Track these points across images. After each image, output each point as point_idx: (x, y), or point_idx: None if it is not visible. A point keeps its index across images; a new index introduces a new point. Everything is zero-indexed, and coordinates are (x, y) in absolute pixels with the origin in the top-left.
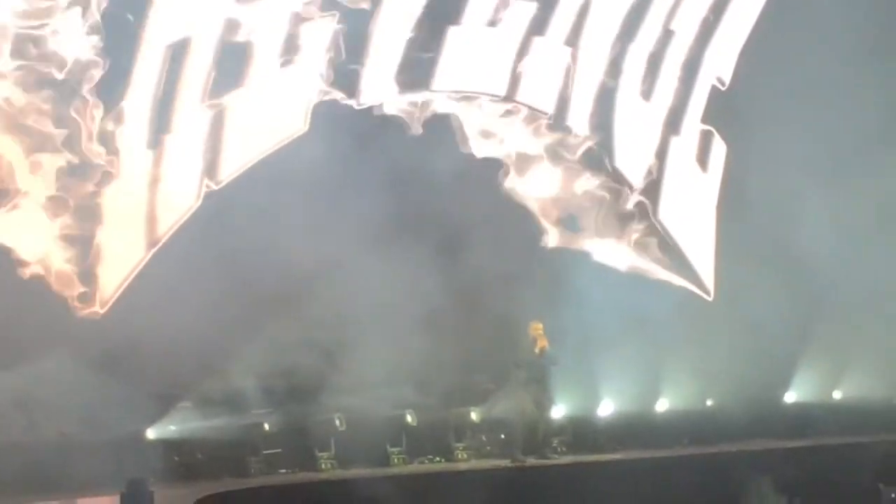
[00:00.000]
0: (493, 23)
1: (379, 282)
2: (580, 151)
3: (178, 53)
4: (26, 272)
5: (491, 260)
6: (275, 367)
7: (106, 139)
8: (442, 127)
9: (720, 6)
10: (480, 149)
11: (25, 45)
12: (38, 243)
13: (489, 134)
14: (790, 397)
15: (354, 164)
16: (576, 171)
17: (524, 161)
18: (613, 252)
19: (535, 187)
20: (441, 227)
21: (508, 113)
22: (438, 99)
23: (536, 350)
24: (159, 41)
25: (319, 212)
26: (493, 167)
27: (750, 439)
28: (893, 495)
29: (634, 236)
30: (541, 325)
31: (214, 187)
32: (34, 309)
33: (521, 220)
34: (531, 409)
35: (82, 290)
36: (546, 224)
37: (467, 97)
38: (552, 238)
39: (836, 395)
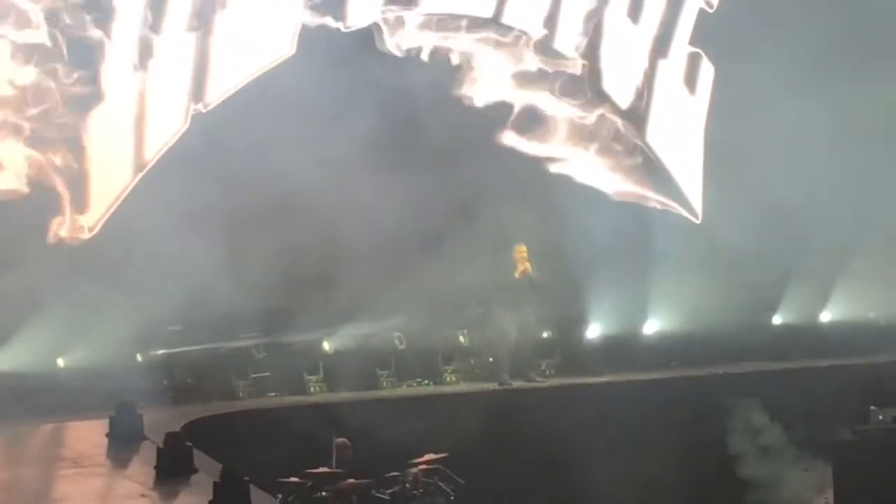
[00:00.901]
0: None
1: (367, 205)
2: (567, 73)
3: None
4: (12, 196)
5: (478, 183)
6: (264, 290)
7: (91, 63)
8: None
9: None
10: (470, 74)
11: None
12: (24, 168)
13: (478, 59)
14: (777, 320)
15: (341, 86)
16: (563, 93)
17: (511, 83)
18: (600, 174)
19: (524, 110)
20: (428, 151)
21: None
22: (426, 22)
23: (517, 273)
24: None
25: (307, 135)
26: (482, 90)
27: (738, 362)
28: (881, 416)
29: (622, 158)
30: (524, 248)
31: (202, 110)
32: (19, 233)
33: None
34: (514, 332)
35: (70, 214)
36: (534, 146)
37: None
38: (539, 160)
39: (823, 317)
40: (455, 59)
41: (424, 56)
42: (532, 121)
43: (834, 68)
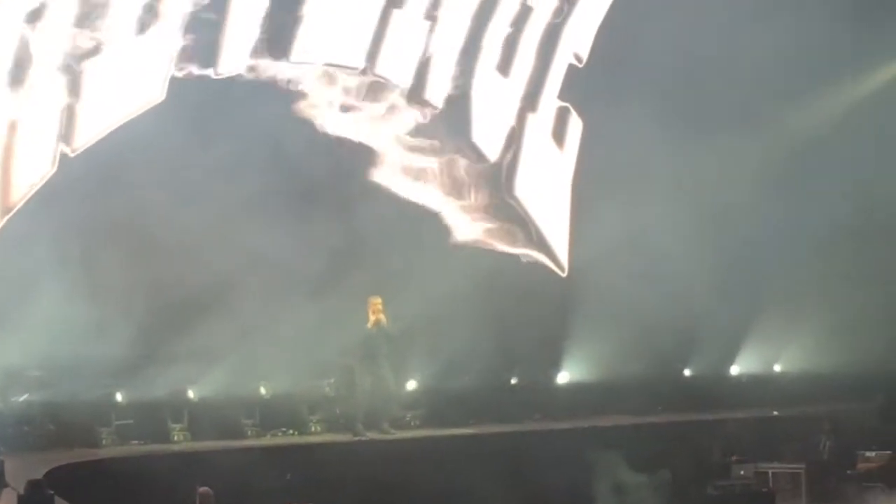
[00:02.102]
0: None
1: (230, 253)
2: (438, 125)
3: (33, 19)
4: None
5: (349, 231)
6: (129, 336)
7: None
8: (298, 98)
9: None
10: (337, 121)
11: None
12: None
13: (346, 107)
14: (642, 373)
15: (211, 133)
16: (433, 145)
17: (380, 133)
18: (468, 226)
19: (391, 160)
20: (293, 199)
21: (366, 86)
22: (296, 70)
23: (369, 324)
24: (16, 7)
25: (175, 182)
26: (349, 139)
27: (602, 415)
28: (742, 471)
29: (491, 211)
30: (380, 300)
31: (70, 154)
32: None
33: (376, 193)
34: (368, 383)
35: None
36: (402, 198)
37: (326, 71)
38: (407, 213)
39: (687, 372)
40: (327, 108)
41: (297, 102)
42: (401, 171)
43: (700, 122)
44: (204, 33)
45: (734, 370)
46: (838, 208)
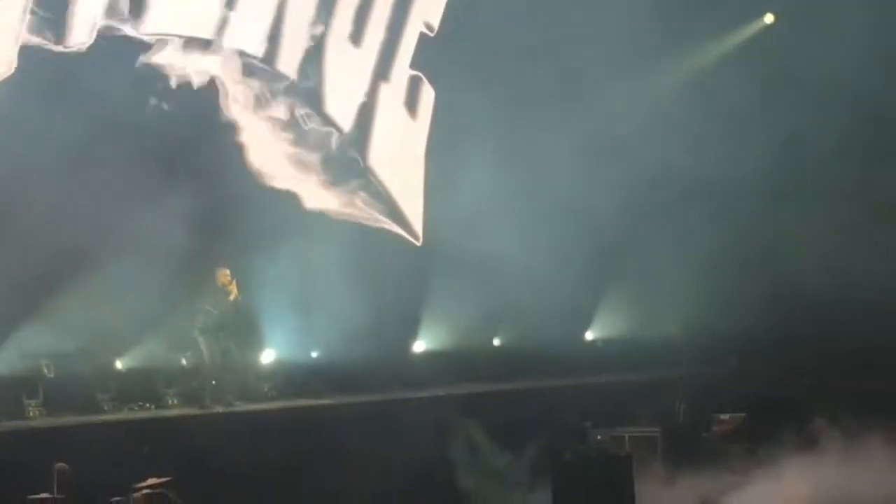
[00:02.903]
0: None
1: (84, 227)
2: (290, 96)
3: None
4: None
5: (202, 205)
6: None
7: None
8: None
9: None
10: (192, 93)
11: None
12: None
13: (200, 78)
14: (497, 341)
15: (63, 105)
16: (285, 114)
17: (233, 104)
18: (323, 198)
19: (245, 132)
20: (146, 167)
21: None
22: (147, 42)
23: (230, 299)
24: None
25: (28, 154)
26: (203, 107)
27: (459, 383)
28: (599, 436)
29: (344, 180)
30: (227, 271)
31: None
32: None
33: (230, 165)
34: (217, 357)
35: None
36: (256, 169)
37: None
38: (261, 183)
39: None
40: (180, 79)
41: (150, 74)
42: (254, 141)
43: (549, 90)
44: (52, 3)
45: (588, 336)
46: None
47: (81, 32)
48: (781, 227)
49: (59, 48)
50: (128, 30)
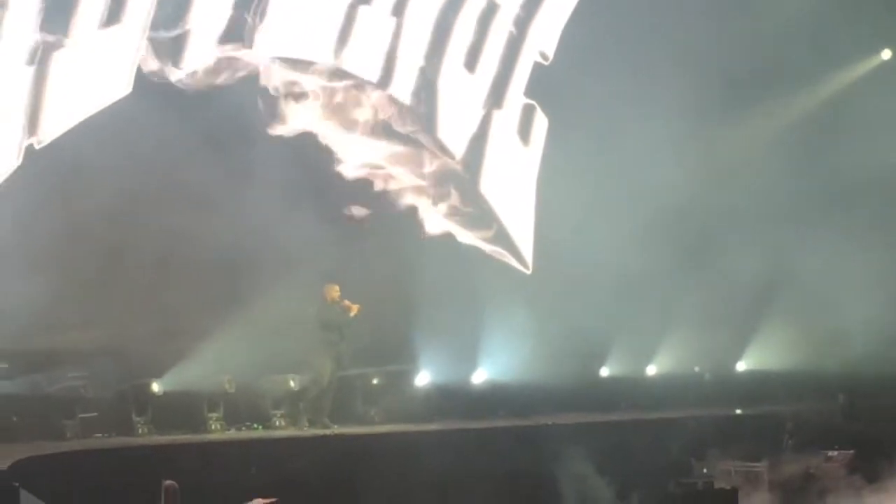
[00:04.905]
0: None
1: (198, 242)
2: (403, 121)
3: None
4: None
5: (312, 224)
6: (94, 327)
7: None
8: (264, 93)
9: None
10: (300, 115)
11: None
12: None
13: (312, 99)
14: (605, 372)
15: (177, 125)
16: (399, 140)
17: (346, 128)
18: (434, 222)
19: (357, 154)
20: (260, 191)
21: (332, 80)
22: (262, 65)
23: (352, 314)
24: None
25: (144, 173)
26: (313, 134)
27: (565, 412)
28: (705, 469)
29: (456, 206)
30: (337, 287)
31: (36, 146)
32: None
33: (343, 186)
34: (331, 374)
35: None
36: (370, 191)
37: (293, 65)
38: (374, 205)
39: (650, 370)
40: (295, 100)
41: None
42: (367, 166)
43: (664, 123)
44: (168, 27)
45: (697, 368)
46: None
47: (196, 55)
48: None
49: (174, 70)
50: (241, 53)
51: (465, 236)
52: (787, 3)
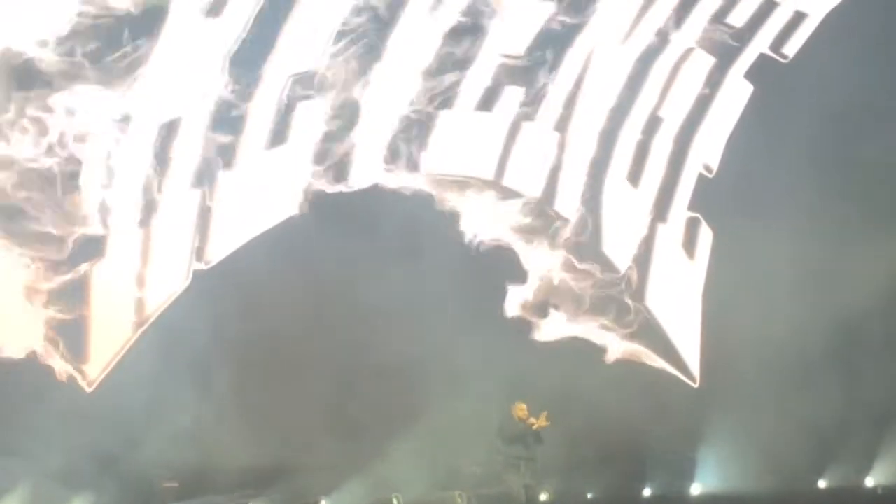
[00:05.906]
0: (483, 107)
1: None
2: (567, 236)
3: (168, 133)
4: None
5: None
6: (262, 446)
7: (94, 220)
8: (431, 209)
9: (708, 94)
10: (469, 230)
11: None
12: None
13: (479, 217)
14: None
15: (345, 244)
16: (563, 256)
17: (511, 245)
18: (599, 337)
19: (522, 271)
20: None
21: (497, 198)
22: (427, 182)
23: (535, 428)
24: (150, 120)
25: (310, 292)
26: (482, 250)
27: None
28: None
29: (621, 321)
30: (525, 405)
31: (204, 267)
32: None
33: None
34: (519, 491)
35: (70, 371)
36: (535, 308)
37: (456, 183)
38: (539, 323)
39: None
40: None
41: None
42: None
43: (832, 230)
44: (334, 146)
45: (869, 482)
46: None
47: (362, 174)
48: None
49: (340, 188)
50: (408, 170)
51: (631, 349)
52: None
